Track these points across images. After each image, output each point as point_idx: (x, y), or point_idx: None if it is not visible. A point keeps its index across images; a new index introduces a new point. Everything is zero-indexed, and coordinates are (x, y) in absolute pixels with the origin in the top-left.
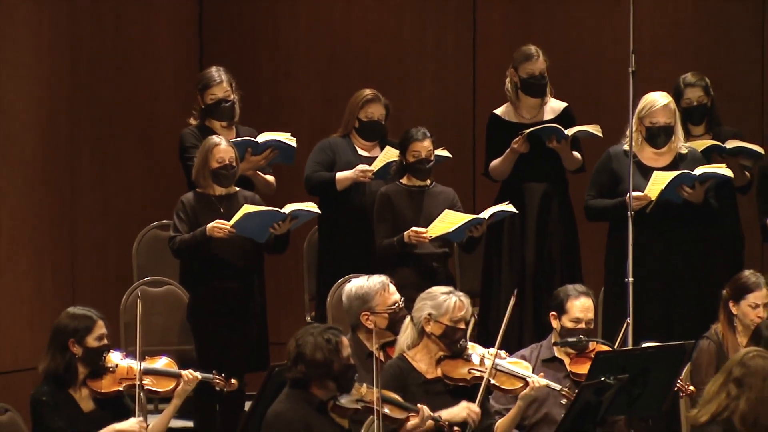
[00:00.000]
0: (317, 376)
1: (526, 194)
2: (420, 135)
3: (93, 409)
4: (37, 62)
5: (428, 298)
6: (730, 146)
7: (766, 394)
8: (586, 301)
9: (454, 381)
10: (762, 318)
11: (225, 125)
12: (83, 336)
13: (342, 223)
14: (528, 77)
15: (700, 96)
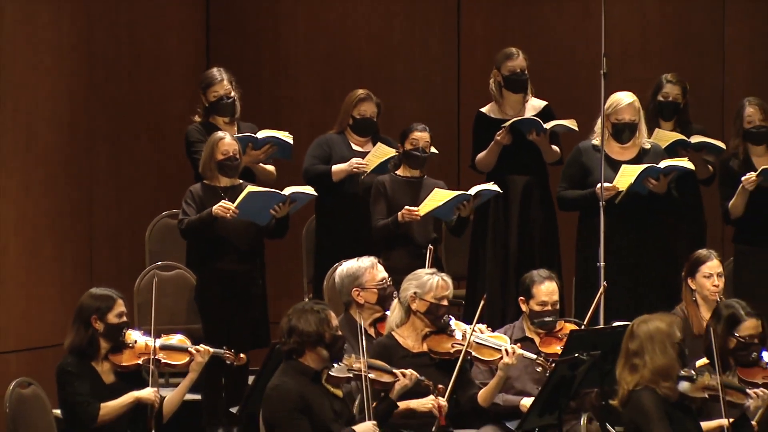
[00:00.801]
0: (309, 344)
1: (509, 185)
2: (420, 127)
3: (113, 381)
4: (58, 64)
5: (413, 279)
6: (695, 141)
7: (659, 351)
8: (551, 285)
9: (439, 355)
10: (717, 286)
11: (227, 121)
12: (105, 313)
13: (338, 211)
14: (510, 74)
15: (677, 95)
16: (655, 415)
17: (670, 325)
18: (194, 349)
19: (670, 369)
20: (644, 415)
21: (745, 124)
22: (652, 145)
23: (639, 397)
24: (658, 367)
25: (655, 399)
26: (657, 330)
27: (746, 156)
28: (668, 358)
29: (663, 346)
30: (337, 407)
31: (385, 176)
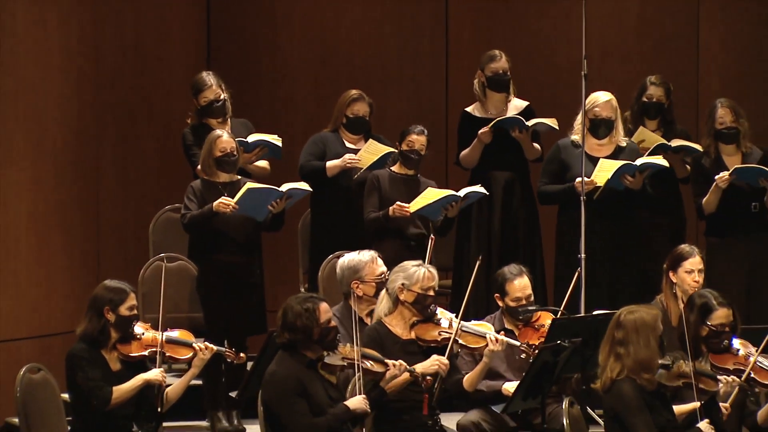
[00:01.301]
0: (300, 341)
1: (492, 181)
2: (417, 130)
3: (120, 369)
4: (67, 66)
5: (401, 271)
6: (675, 145)
7: (642, 343)
8: (522, 281)
9: (426, 342)
10: (698, 282)
11: (220, 121)
12: (117, 305)
13: (332, 206)
14: (493, 75)
15: (660, 95)
16: (635, 406)
17: (654, 318)
18: (198, 347)
19: (651, 361)
20: (625, 405)
21: (717, 124)
22: (628, 143)
23: (620, 387)
24: (641, 359)
25: (635, 390)
26: (642, 322)
27: (717, 155)
28: (650, 351)
29: (647, 338)
30: (331, 392)
31: (380, 171)
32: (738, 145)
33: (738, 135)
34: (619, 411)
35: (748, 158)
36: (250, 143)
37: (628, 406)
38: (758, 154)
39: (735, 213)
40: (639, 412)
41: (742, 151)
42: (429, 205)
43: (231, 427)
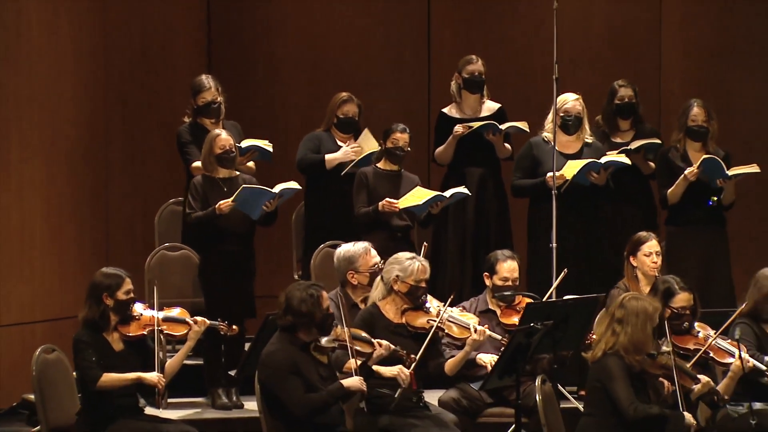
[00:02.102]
0: (302, 324)
1: (467, 177)
2: (400, 128)
3: (122, 349)
4: (78, 70)
5: (396, 263)
6: (634, 146)
7: (640, 327)
8: (512, 264)
9: (414, 328)
10: (656, 263)
11: (213, 122)
12: (114, 291)
13: (325, 199)
14: (469, 76)
15: (631, 95)
16: (620, 376)
17: (655, 309)
18: (192, 321)
19: (645, 345)
20: (609, 375)
21: (690, 121)
22: (593, 141)
23: (608, 360)
24: (636, 340)
25: (621, 364)
26: (644, 309)
27: (684, 150)
28: (646, 336)
29: (644, 324)
30: (322, 372)
31: (367, 168)
32: (704, 144)
33: (707, 134)
34: (603, 379)
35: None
36: (243, 148)
37: (613, 376)
38: (720, 154)
39: (694, 205)
40: (622, 381)
41: (707, 151)
42: (421, 204)
43: (230, 403)
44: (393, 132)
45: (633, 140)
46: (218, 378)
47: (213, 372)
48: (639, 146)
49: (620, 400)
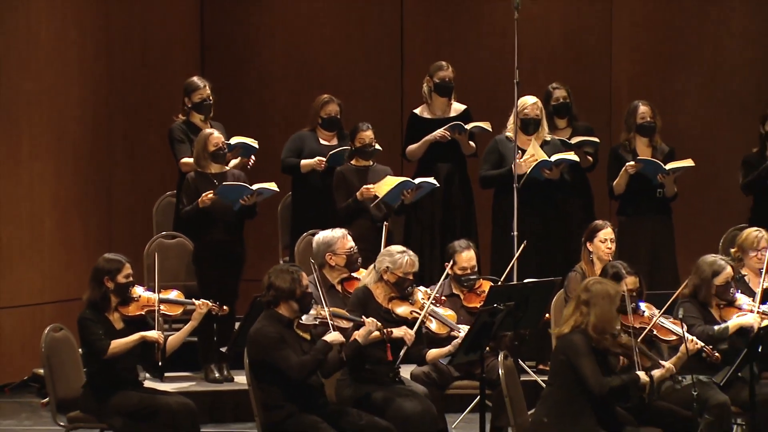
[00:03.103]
0: (283, 297)
1: (435, 171)
2: (364, 127)
3: (123, 328)
4: (83, 74)
5: (387, 255)
6: (575, 141)
7: (606, 309)
8: (469, 253)
9: (398, 316)
10: (610, 249)
11: (203, 119)
12: (114, 275)
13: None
14: (440, 81)
15: (564, 96)
16: (585, 351)
17: (617, 292)
18: (197, 303)
19: (608, 324)
20: (575, 351)
21: (638, 119)
22: (552, 139)
23: (574, 336)
24: (604, 320)
25: (586, 343)
26: (607, 292)
27: (633, 147)
28: (612, 316)
29: (609, 305)
30: (305, 347)
31: (343, 167)
32: (652, 140)
33: (655, 129)
34: (569, 354)
35: (656, 151)
36: (231, 144)
37: (578, 351)
38: (666, 149)
39: (642, 197)
40: (586, 356)
41: (654, 146)
42: (391, 192)
43: (221, 377)
44: (359, 132)
45: (571, 137)
46: (211, 354)
47: (206, 349)
48: (578, 141)
49: (587, 376)
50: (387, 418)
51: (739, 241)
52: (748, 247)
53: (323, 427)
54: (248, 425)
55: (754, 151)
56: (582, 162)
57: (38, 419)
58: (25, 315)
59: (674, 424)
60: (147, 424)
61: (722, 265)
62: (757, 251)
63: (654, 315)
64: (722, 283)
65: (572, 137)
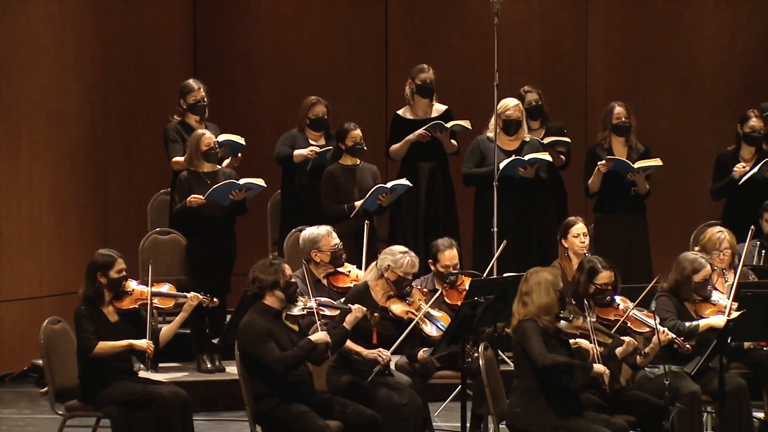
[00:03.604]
0: (267, 288)
1: (418, 170)
2: (353, 126)
3: (117, 320)
4: (81, 77)
5: (389, 254)
6: (547, 141)
7: (543, 293)
8: (452, 252)
9: (395, 315)
10: (584, 243)
11: (198, 120)
12: (107, 270)
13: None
14: (422, 83)
15: (536, 99)
16: (534, 336)
17: (554, 275)
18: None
19: (551, 307)
20: (526, 337)
21: (614, 119)
22: (531, 139)
23: (524, 325)
24: (543, 305)
25: (535, 327)
26: (545, 278)
27: (610, 146)
28: (550, 299)
29: (547, 290)
30: (294, 338)
31: (331, 167)
32: (627, 139)
33: (630, 129)
34: (522, 341)
35: (632, 151)
36: (219, 142)
37: (528, 336)
38: (641, 148)
39: (617, 194)
40: (534, 339)
41: (629, 145)
42: (367, 200)
43: (213, 367)
44: (349, 131)
45: (544, 137)
46: (203, 346)
47: (198, 340)
48: (551, 141)
49: (532, 355)
50: (373, 406)
51: (702, 241)
52: (711, 247)
53: (311, 415)
54: (239, 414)
55: (729, 150)
56: (555, 161)
57: (37, 408)
58: (24, 308)
59: (647, 412)
60: (141, 412)
61: (702, 263)
62: (719, 252)
63: (628, 307)
64: (701, 280)
65: (545, 137)
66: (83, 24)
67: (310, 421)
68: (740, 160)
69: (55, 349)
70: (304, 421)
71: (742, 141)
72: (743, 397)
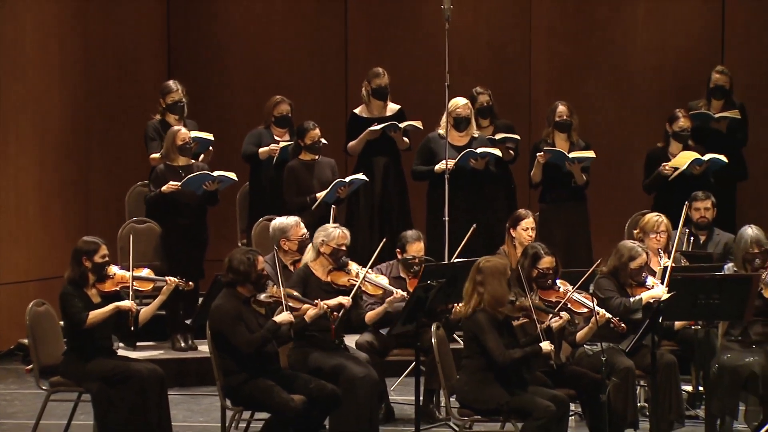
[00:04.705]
0: (240, 280)
1: (373, 164)
2: (312, 125)
3: (100, 302)
4: (64, 78)
5: (322, 231)
6: (498, 137)
7: (497, 284)
8: (419, 245)
9: (338, 286)
10: (531, 236)
11: (177, 118)
12: (92, 255)
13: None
14: (377, 87)
15: (488, 100)
16: (488, 329)
17: (505, 266)
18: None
19: (503, 298)
20: (481, 328)
21: (556, 117)
22: (480, 135)
23: (477, 315)
24: (497, 296)
25: (488, 318)
26: (497, 269)
27: (553, 141)
28: (503, 290)
29: (500, 281)
30: (261, 321)
31: (293, 162)
32: (569, 136)
33: (571, 126)
34: (476, 332)
35: (573, 146)
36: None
37: (482, 329)
38: (582, 144)
39: (559, 186)
40: (491, 334)
41: (571, 141)
42: (328, 193)
43: (186, 346)
44: (308, 130)
45: (494, 134)
46: (177, 326)
47: (173, 321)
48: (501, 138)
49: (491, 350)
50: (334, 381)
51: (641, 224)
52: (649, 230)
53: (276, 389)
54: (211, 389)
55: (658, 146)
56: (504, 156)
57: (23, 383)
58: (11, 291)
59: (586, 386)
60: (120, 387)
61: (639, 251)
62: (656, 233)
63: (569, 290)
64: (637, 267)
65: (495, 134)
66: (66, 30)
67: (276, 394)
68: (669, 157)
69: (39, 329)
70: (270, 395)
71: (671, 139)
72: (673, 372)
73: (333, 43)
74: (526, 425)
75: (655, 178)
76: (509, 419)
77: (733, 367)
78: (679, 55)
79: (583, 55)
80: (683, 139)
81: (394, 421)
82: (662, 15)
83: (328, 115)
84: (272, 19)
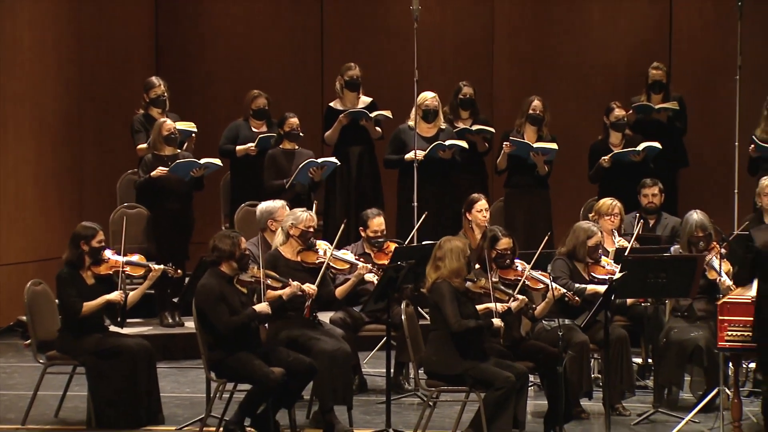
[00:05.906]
0: (224, 258)
1: (349, 153)
2: (291, 115)
3: (93, 284)
4: (59, 73)
5: (291, 214)
6: (475, 128)
7: (455, 259)
8: (380, 219)
9: (308, 264)
10: (485, 217)
11: (160, 112)
12: (89, 239)
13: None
14: (349, 79)
15: (471, 93)
16: (448, 297)
17: (464, 244)
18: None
19: (460, 271)
20: (441, 297)
21: (530, 110)
22: (446, 127)
23: (438, 286)
24: (454, 269)
25: (449, 287)
26: (456, 246)
27: (523, 133)
28: (460, 264)
29: (458, 256)
30: (243, 299)
31: (274, 150)
32: (539, 129)
33: (542, 121)
34: (437, 301)
35: (542, 140)
36: None
37: (443, 297)
38: (550, 137)
39: (523, 174)
40: (449, 301)
41: (540, 135)
42: (299, 172)
43: (173, 323)
44: (287, 119)
45: (472, 125)
46: (165, 304)
47: (161, 299)
48: (477, 129)
49: (447, 316)
50: (311, 355)
51: (597, 207)
52: (604, 212)
53: (257, 363)
54: (196, 362)
55: (599, 139)
56: (479, 146)
57: (22, 357)
58: (11, 271)
59: (544, 359)
60: (112, 361)
61: (594, 230)
62: (611, 215)
63: (525, 269)
64: (593, 245)
65: (473, 125)
66: (61, 27)
67: (257, 367)
68: (610, 147)
69: (37, 307)
70: (251, 367)
71: (610, 129)
72: (625, 346)
73: (310, 40)
74: (488, 395)
75: (596, 170)
76: (474, 389)
77: (680, 341)
78: (630, 53)
79: (542, 52)
80: (620, 128)
81: (367, 392)
82: (615, 16)
83: (306, 108)
84: (253, 19)
